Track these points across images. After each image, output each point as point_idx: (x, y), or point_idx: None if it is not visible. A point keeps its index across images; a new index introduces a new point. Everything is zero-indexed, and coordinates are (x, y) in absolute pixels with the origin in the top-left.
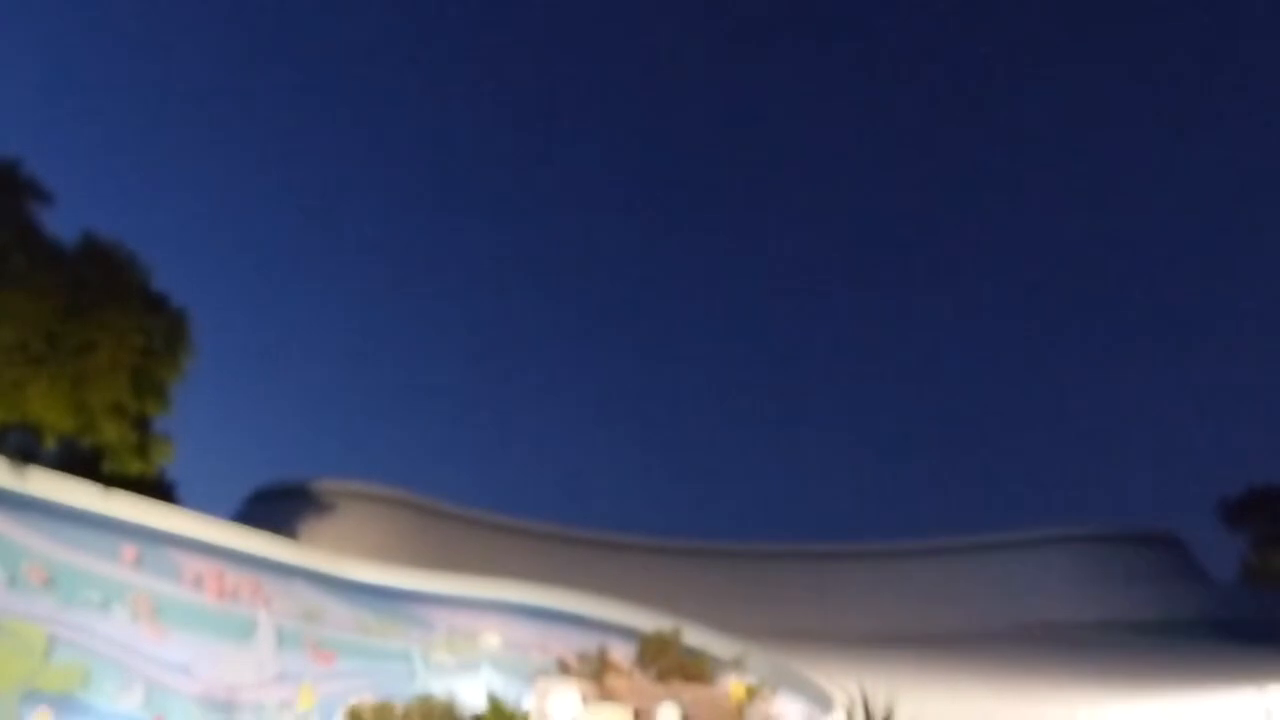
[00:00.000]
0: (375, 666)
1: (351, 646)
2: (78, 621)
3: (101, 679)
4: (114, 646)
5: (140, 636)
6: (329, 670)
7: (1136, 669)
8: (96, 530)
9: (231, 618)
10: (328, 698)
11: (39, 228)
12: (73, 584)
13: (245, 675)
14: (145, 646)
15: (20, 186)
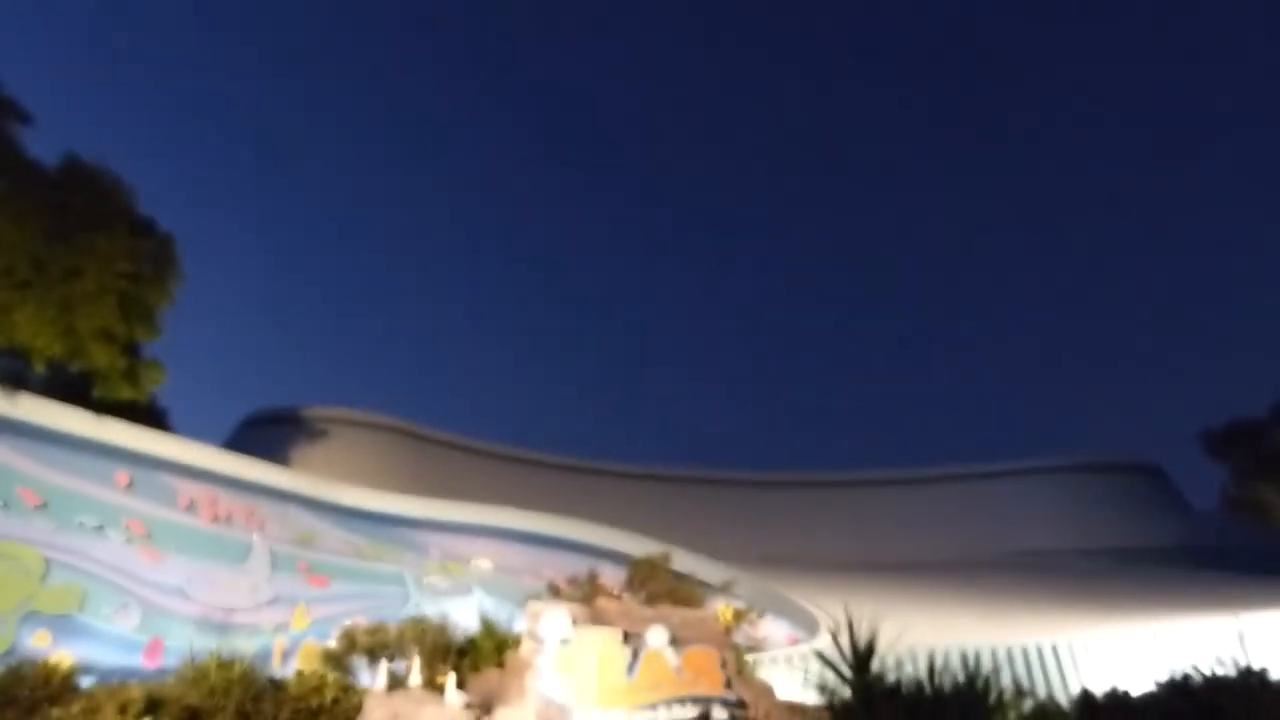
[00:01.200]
0: (369, 590)
1: (345, 570)
2: (73, 545)
3: (98, 601)
4: (110, 569)
5: (136, 560)
6: (323, 593)
7: (1116, 594)
8: (89, 455)
9: (226, 542)
10: (322, 620)
11: (20, 149)
12: (67, 508)
13: (241, 598)
14: (141, 570)
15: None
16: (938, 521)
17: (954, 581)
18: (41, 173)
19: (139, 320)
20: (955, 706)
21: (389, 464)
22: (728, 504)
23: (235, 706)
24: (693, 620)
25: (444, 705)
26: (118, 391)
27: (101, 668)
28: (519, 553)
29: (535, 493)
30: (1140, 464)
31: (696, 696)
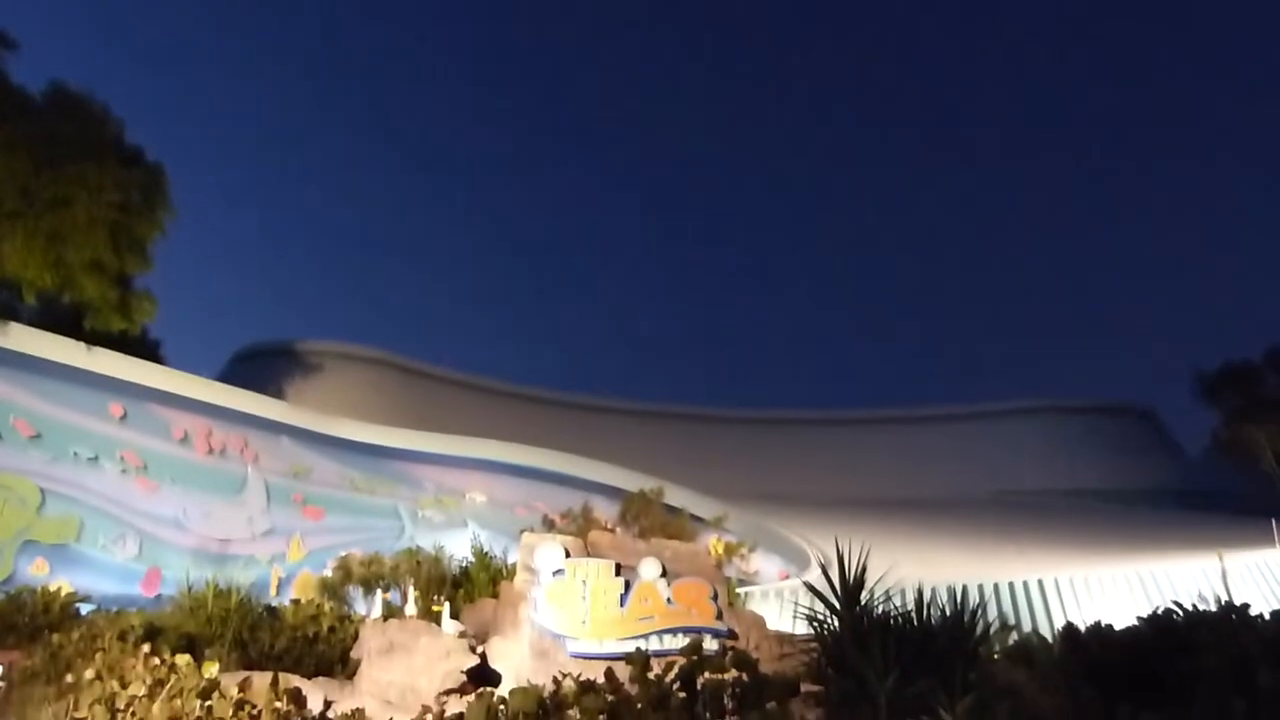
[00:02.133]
0: (364, 522)
1: (340, 503)
2: (68, 476)
3: (95, 531)
4: (106, 500)
5: (131, 490)
6: (319, 525)
7: (1104, 535)
8: (82, 386)
9: (220, 473)
10: (318, 551)
11: (5, 76)
12: (61, 439)
13: (237, 529)
14: (137, 500)
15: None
16: (929, 461)
17: (943, 520)
18: (28, 101)
19: (130, 251)
20: (943, 639)
21: (382, 397)
22: (720, 441)
23: (233, 635)
24: (684, 554)
25: (439, 634)
26: (109, 323)
27: (100, 596)
28: (512, 486)
29: (529, 427)
30: (1131, 407)
31: (688, 627)
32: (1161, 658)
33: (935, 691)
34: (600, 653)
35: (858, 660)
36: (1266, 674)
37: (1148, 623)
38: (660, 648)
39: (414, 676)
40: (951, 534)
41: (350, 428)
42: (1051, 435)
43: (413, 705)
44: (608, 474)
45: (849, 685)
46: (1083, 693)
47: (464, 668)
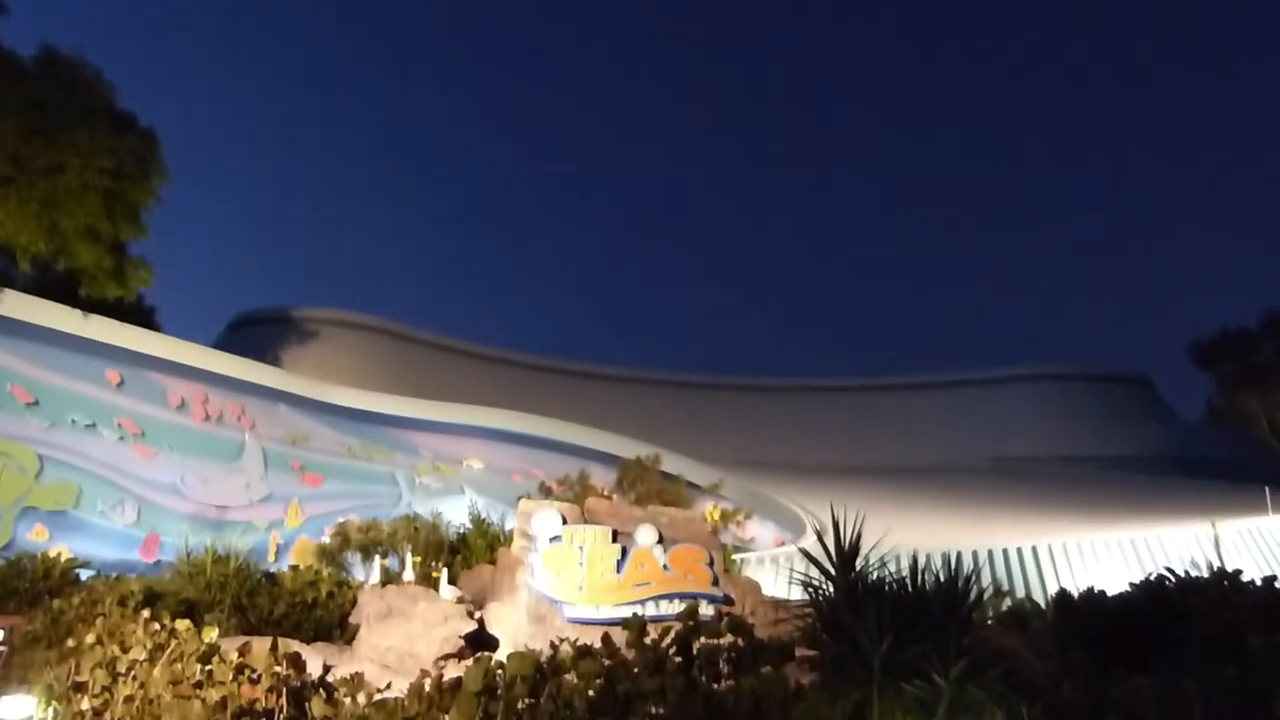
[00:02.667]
0: (362, 489)
1: (338, 469)
2: (66, 442)
3: (93, 497)
4: (104, 467)
5: (129, 457)
6: (316, 492)
7: (1098, 501)
8: (78, 353)
9: (218, 440)
10: (316, 518)
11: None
12: (59, 406)
13: (234, 495)
14: (135, 467)
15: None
16: (925, 428)
17: (939, 486)
18: (18, 65)
19: (124, 218)
20: (937, 604)
21: (378, 365)
22: (717, 408)
23: (232, 600)
24: (681, 520)
25: (437, 600)
26: (105, 290)
27: (99, 562)
28: (509, 453)
29: (526, 395)
30: (1127, 374)
31: (684, 593)
32: (1153, 623)
33: (929, 656)
34: (597, 618)
35: (852, 625)
36: (1257, 639)
37: (1140, 589)
38: (656, 613)
39: (412, 641)
40: (947, 501)
41: (347, 395)
42: (1047, 402)
43: (411, 669)
44: (604, 441)
45: (843, 649)
46: (1075, 657)
47: (462, 633)
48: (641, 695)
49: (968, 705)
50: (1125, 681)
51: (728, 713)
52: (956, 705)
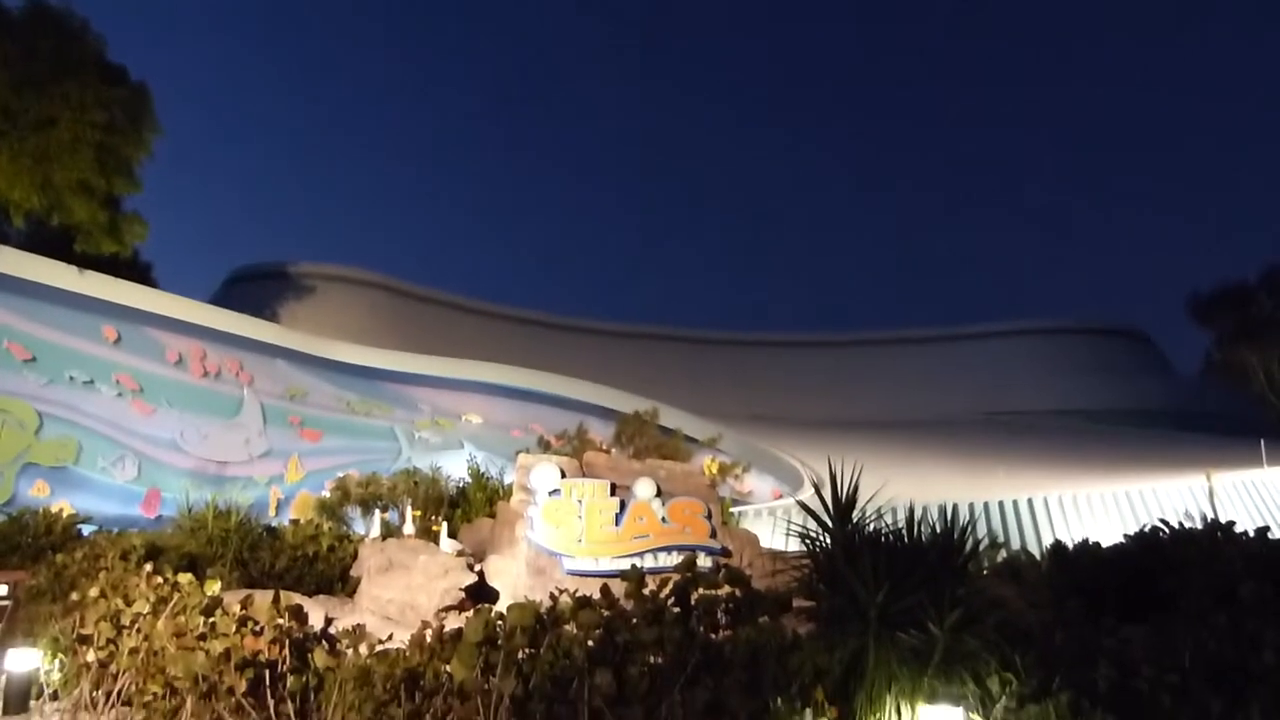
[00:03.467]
0: (361, 444)
1: (337, 425)
2: (65, 398)
3: (93, 453)
4: (103, 423)
5: (128, 413)
6: (316, 447)
7: (1093, 455)
8: (75, 309)
9: (216, 396)
10: (316, 473)
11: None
12: (56, 362)
13: (234, 451)
14: (134, 423)
15: None
16: (921, 382)
17: (935, 440)
18: (6, 16)
19: (117, 172)
20: (932, 555)
21: (376, 320)
22: (714, 363)
23: (233, 554)
24: (679, 474)
25: (437, 553)
26: (100, 246)
27: (101, 517)
28: (508, 408)
29: (523, 350)
30: (1125, 328)
31: (682, 545)
32: (1147, 574)
33: (924, 606)
34: (596, 570)
35: (849, 576)
36: (1249, 588)
37: (1134, 540)
38: (655, 565)
39: (413, 594)
40: (943, 454)
41: (345, 350)
42: (1043, 356)
43: (412, 621)
44: (603, 396)
45: (840, 600)
46: (1068, 606)
47: (462, 585)
48: (640, 645)
49: (962, 654)
50: (1117, 630)
51: (725, 662)
52: (951, 654)
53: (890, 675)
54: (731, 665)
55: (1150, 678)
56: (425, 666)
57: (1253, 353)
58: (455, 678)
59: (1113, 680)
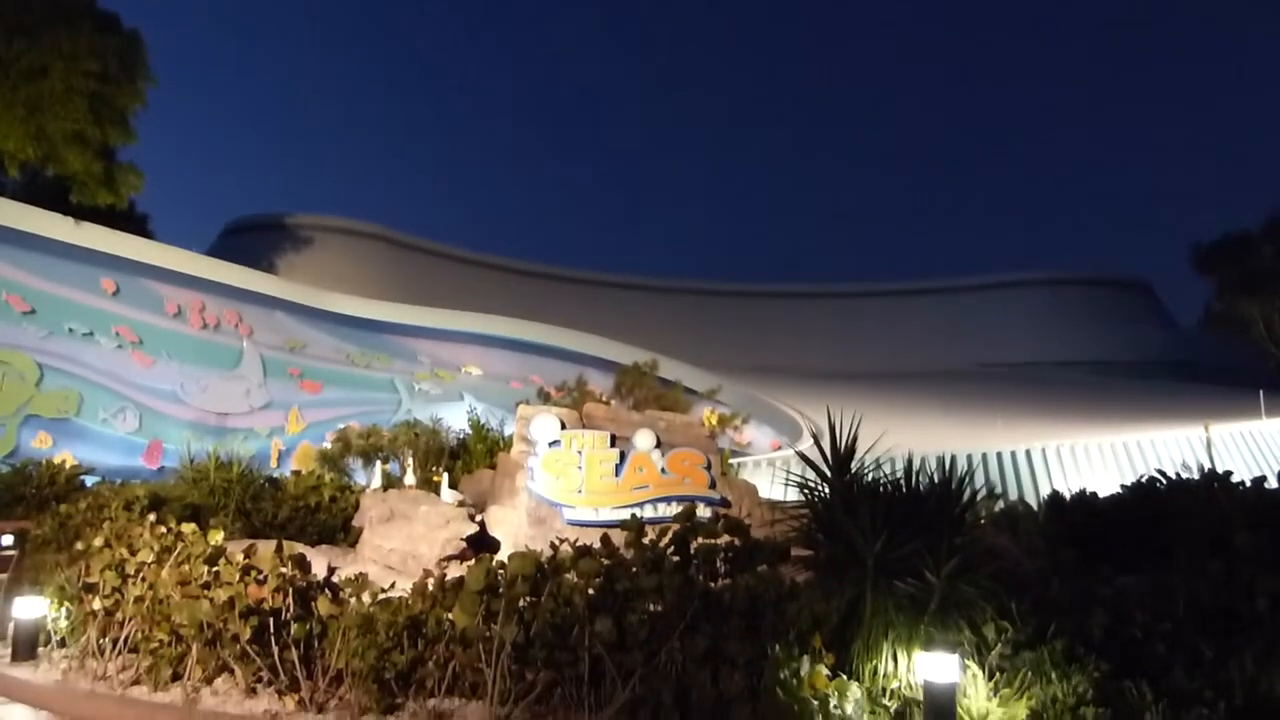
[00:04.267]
0: (361, 395)
1: (337, 376)
2: (65, 350)
3: (94, 405)
4: (103, 375)
5: (128, 365)
6: (316, 399)
7: (1092, 406)
8: (72, 261)
9: (216, 347)
10: (316, 424)
11: None
12: (55, 314)
13: (235, 402)
14: (134, 375)
15: None
16: (921, 333)
17: (934, 391)
18: None
19: (111, 123)
20: (930, 504)
21: (375, 271)
22: (714, 314)
23: (235, 505)
24: (678, 425)
25: (439, 503)
26: (95, 197)
27: (104, 468)
28: (508, 360)
29: (524, 301)
30: (1126, 279)
31: (682, 496)
32: (1143, 523)
33: (921, 554)
34: (596, 520)
35: (847, 525)
36: (1243, 536)
37: (1131, 490)
38: (655, 515)
39: (414, 543)
40: (941, 405)
41: (344, 302)
42: (1044, 307)
43: (414, 570)
44: (602, 347)
45: (838, 549)
46: (1064, 555)
47: (463, 534)
48: (640, 593)
49: (958, 601)
50: (1113, 579)
51: (724, 609)
52: (947, 601)
53: (887, 623)
54: (730, 613)
55: (1144, 625)
56: (427, 614)
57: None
58: (457, 625)
59: (1107, 628)
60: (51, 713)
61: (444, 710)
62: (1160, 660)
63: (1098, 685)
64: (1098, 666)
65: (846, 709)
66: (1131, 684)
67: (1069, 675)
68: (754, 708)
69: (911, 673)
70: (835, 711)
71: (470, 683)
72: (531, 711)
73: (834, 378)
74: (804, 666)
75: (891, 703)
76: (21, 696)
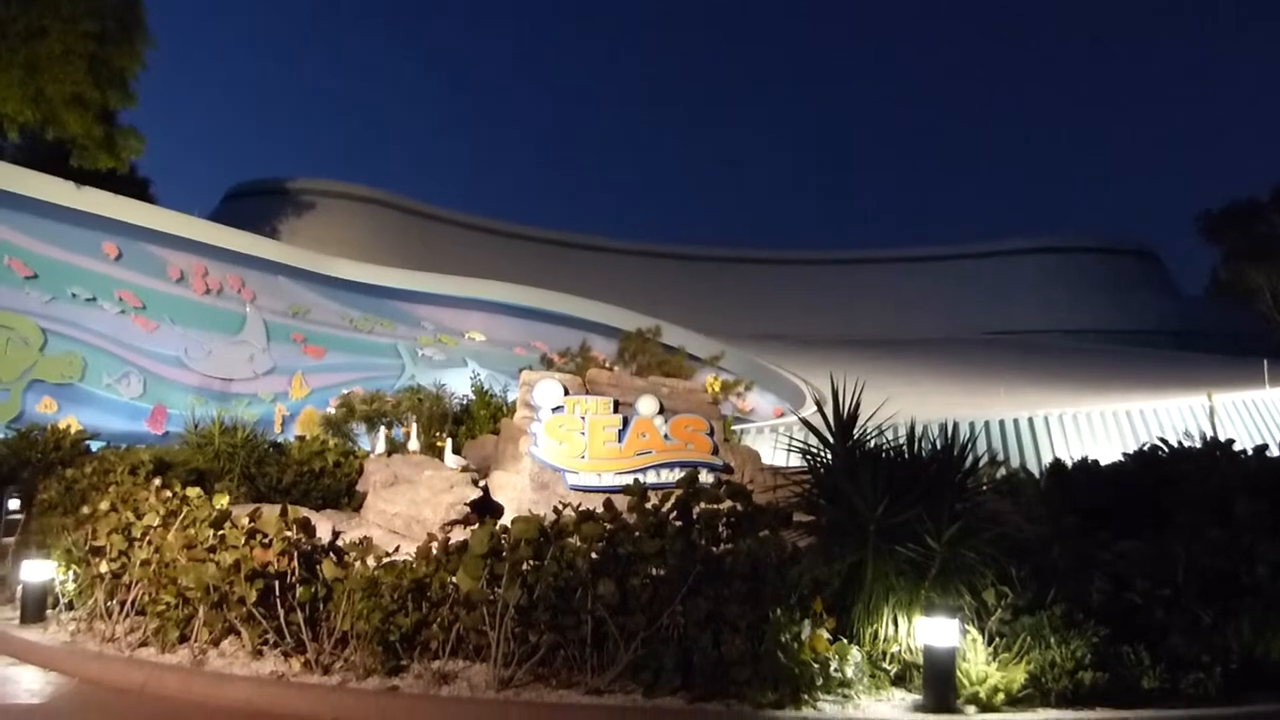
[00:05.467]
0: (365, 361)
1: (341, 342)
2: (68, 315)
3: (98, 370)
4: (107, 340)
5: (131, 330)
6: (320, 364)
7: (1096, 374)
8: (74, 225)
9: (219, 312)
10: (320, 390)
11: None
12: (58, 279)
13: (238, 368)
14: (138, 340)
15: None
16: (924, 301)
17: (937, 359)
18: None
19: (110, 85)
20: (932, 470)
21: (377, 237)
22: (717, 281)
23: (240, 469)
24: (681, 391)
25: (442, 468)
26: (96, 160)
27: (109, 433)
28: (511, 326)
29: (527, 268)
30: (1132, 247)
31: (684, 461)
32: (1145, 490)
33: (923, 520)
34: (599, 485)
35: (849, 490)
36: (1245, 504)
37: (1133, 458)
38: (657, 481)
39: (418, 508)
40: (945, 372)
41: (347, 267)
42: (1048, 275)
43: (418, 534)
44: (605, 314)
45: (840, 514)
46: (1065, 522)
47: (467, 499)
48: (642, 557)
49: (959, 567)
50: (1113, 545)
51: (726, 573)
52: (948, 567)
53: (888, 587)
54: (732, 577)
55: (1143, 591)
56: (432, 577)
57: (1260, 271)
58: (461, 588)
59: (1107, 593)
60: (61, 673)
61: (448, 672)
62: (1159, 625)
63: (1096, 650)
64: (1096, 631)
65: (847, 672)
66: (1130, 648)
67: (1068, 640)
68: (755, 670)
69: (912, 637)
70: (835, 674)
71: (474, 645)
72: (535, 673)
73: (837, 344)
74: (805, 630)
75: (891, 666)
76: (31, 658)
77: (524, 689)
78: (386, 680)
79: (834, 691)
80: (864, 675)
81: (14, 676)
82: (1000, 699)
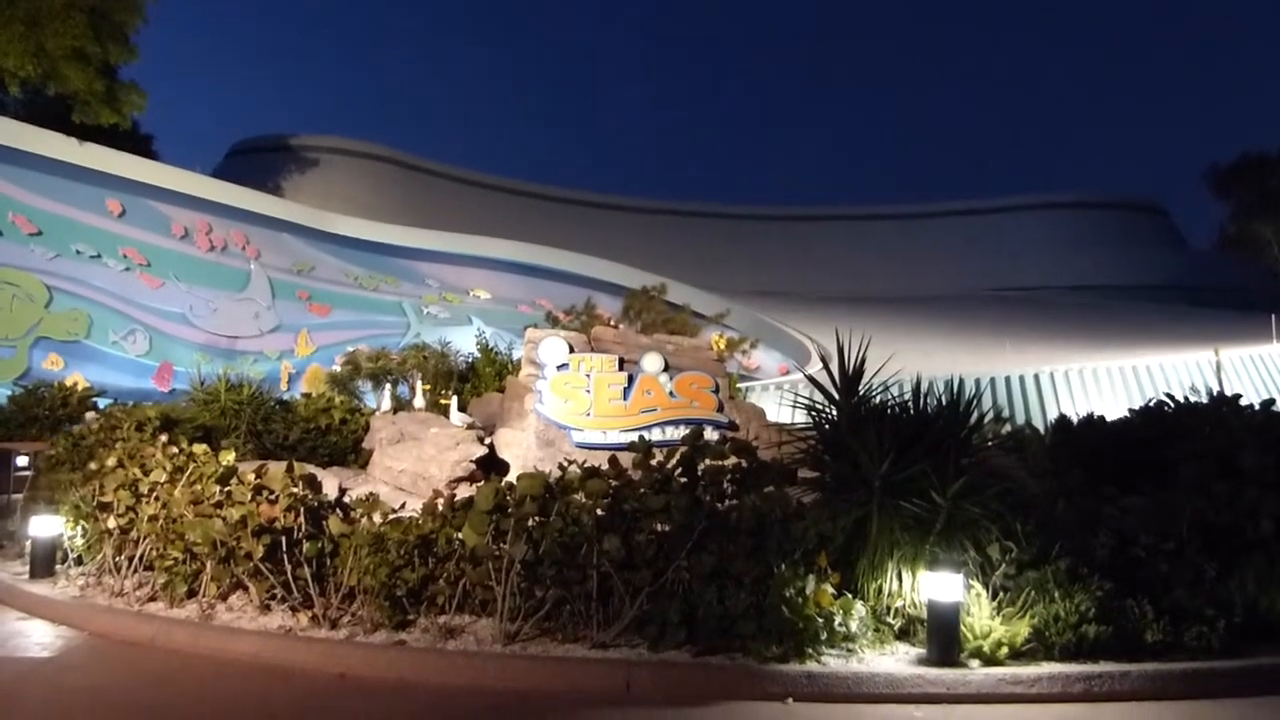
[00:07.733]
0: (370, 318)
1: (346, 299)
2: (73, 272)
3: (104, 327)
4: (112, 297)
5: (136, 287)
6: (325, 321)
7: (1103, 330)
8: (77, 181)
9: (224, 270)
10: (326, 347)
11: None
12: (62, 235)
13: (244, 325)
14: (143, 297)
15: None
16: (931, 257)
17: (944, 315)
18: None
19: (112, 40)
20: (937, 426)
21: (382, 194)
22: (722, 238)
23: (246, 426)
24: (687, 348)
25: (448, 425)
26: (98, 116)
27: (115, 390)
28: (516, 283)
29: (532, 225)
30: (1140, 202)
31: (689, 418)
32: (1150, 445)
33: (928, 475)
34: (604, 443)
35: (854, 446)
36: (1250, 457)
37: (1139, 413)
38: (662, 438)
39: (424, 464)
40: (951, 329)
41: (352, 225)
42: (1056, 231)
43: (424, 491)
44: (611, 271)
45: (844, 469)
46: (1070, 477)
47: (473, 456)
48: (647, 513)
49: (964, 522)
50: (1118, 500)
51: (731, 529)
52: (953, 522)
53: (893, 542)
54: (737, 532)
55: (1148, 545)
56: (438, 533)
57: (1269, 225)
58: (467, 544)
59: (1111, 548)
60: (71, 627)
61: (454, 626)
62: (1162, 579)
63: (1100, 604)
64: (1100, 585)
65: (851, 626)
66: (1133, 602)
67: (1071, 594)
68: (759, 624)
69: (916, 592)
70: (840, 629)
71: (480, 600)
72: (540, 628)
73: (843, 301)
74: (809, 585)
75: (895, 621)
76: (40, 612)
77: (530, 643)
78: (393, 634)
79: (838, 645)
80: (868, 629)
81: (24, 630)
82: (1004, 653)
